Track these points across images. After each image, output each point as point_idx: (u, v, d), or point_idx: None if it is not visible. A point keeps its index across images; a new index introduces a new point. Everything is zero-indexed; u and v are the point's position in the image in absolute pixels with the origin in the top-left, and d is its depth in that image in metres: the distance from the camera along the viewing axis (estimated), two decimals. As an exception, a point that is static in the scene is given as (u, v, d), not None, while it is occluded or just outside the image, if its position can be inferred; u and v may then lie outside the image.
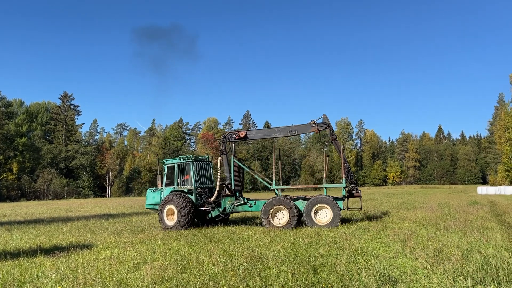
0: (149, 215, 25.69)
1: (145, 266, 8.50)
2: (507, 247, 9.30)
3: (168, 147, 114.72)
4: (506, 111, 78.45)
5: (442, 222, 15.21)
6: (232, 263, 8.46)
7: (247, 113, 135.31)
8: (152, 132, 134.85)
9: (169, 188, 17.80)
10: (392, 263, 8.42)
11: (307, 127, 17.13)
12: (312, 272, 7.48)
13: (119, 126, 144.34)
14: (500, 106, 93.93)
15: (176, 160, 18.10)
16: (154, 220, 20.96)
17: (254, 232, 14.42)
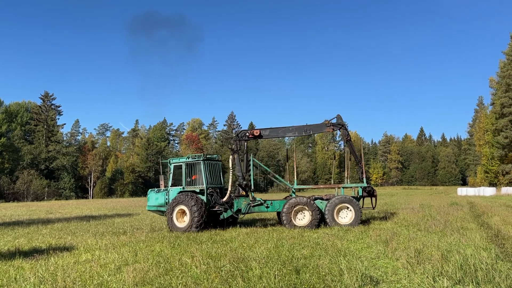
0: (132, 216, 25.44)
1: (127, 268, 8.40)
2: (485, 247, 9.49)
3: (152, 148, 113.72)
4: (485, 114, 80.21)
5: (423, 223, 15.43)
6: (215, 265, 8.43)
7: (231, 114, 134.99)
8: (136, 133, 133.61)
9: (176, 188, 16.95)
10: (374, 264, 8.50)
11: (321, 127, 17.30)
12: (294, 273, 7.50)
13: (102, 126, 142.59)
14: (479, 109, 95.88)
15: (184, 159, 17.28)
16: (136, 222, 20.75)
17: (238, 233, 14.39)
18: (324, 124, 17.13)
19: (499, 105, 60.88)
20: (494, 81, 72.30)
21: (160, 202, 17.24)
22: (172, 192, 16.99)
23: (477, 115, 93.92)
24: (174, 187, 17.11)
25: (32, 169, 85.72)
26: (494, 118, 64.91)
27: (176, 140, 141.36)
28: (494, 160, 64.60)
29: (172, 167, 17.34)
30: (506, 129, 58.19)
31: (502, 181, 59.72)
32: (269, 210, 16.87)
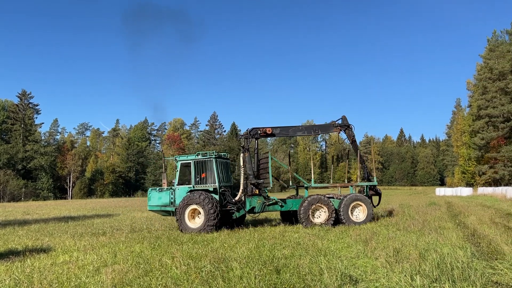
0: (112, 217, 25.10)
1: (105, 269, 8.28)
2: (461, 246, 9.69)
3: (132, 148, 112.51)
4: (462, 116, 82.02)
5: (402, 222, 15.66)
6: (195, 265, 8.38)
7: (213, 114, 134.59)
8: (116, 133, 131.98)
9: (183, 187, 16.30)
10: (353, 263, 8.59)
11: (329, 127, 17.75)
12: (275, 273, 7.51)
13: (82, 126, 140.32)
14: (457, 110, 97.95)
15: (192, 156, 16.67)
16: (116, 223, 20.48)
17: (219, 233, 14.37)
18: (332, 124, 17.56)
19: (475, 107, 62.32)
20: (471, 84, 74.02)
21: (164, 201, 16.47)
22: (179, 191, 16.32)
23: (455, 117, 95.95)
24: (181, 185, 16.45)
25: (8, 169, 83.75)
26: (471, 120, 66.41)
27: (157, 140, 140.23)
28: (471, 161, 66.08)
29: (179, 165, 16.65)
30: (482, 131, 59.60)
31: (479, 182, 61.11)
32: (283, 209, 16.80)
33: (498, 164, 56.59)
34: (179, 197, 16.17)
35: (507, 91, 56.66)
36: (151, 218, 22.89)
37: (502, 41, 61.90)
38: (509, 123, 55.44)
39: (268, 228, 15.89)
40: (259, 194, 16.51)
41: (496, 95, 58.26)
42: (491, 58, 60.49)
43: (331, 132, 18.12)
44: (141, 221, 20.78)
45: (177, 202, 16.13)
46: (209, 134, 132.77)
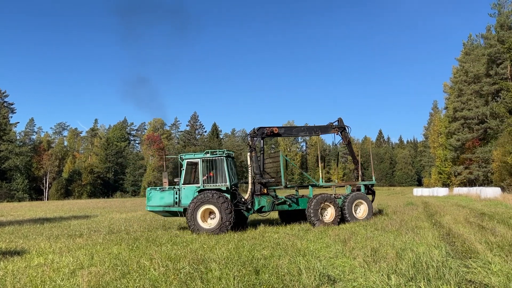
0: (89, 218, 24.67)
1: (81, 272, 8.12)
2: (437, 245, 9.88)
3: (111, 148, 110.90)
4: (439, 118, 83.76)
5: (380, 222, 15.87)
6: (174, 267, 8.30)
7: (194, 115, 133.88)
8: (95, 133, 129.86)
9: (190, 186, 15.77)
10: (332, 263, 8.67)
11: (327, 129, 18.29)
12: (254, 274, 7.52)
13: (59, 125, 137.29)
14: (434, 112, 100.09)
15: (200, 154, 16.26)
16: (94, 224, 20.14)
17: (198, 235, 14.27)
18: (330, 126, 18.20)
19: (452, 109, 63.73)
20: (448, 86, 75.69)
21: (168, 201, 15.80)
22: (185, 190, 15.77)
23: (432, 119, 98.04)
24: (187, 184, 15.95)
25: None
26: (447, 121, 67.88)
27: (137, 140, 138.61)
28: (447, 161, 67.52)
29: (185, 164, 16.09)
30: (458, 132, 60.99)
31: (454, 182, 62.50)
32: (291, 208, 16.89)
33: (473, 165, 58.00)
34: (186, 197, 15.68)
35: (481, 94, 58.14)
36: (129, 219, 22.61)
37: (477, 45, 63.49)
38: (484, 125, 56.88)
39: (248, 228, 15.89)
40: (267, 194, 16.56)
41: (471, 98, 59.72)
42: (466, 62, 61.99)
43: (330, 133, 18.61)
44: (120, 223, 20.48)
45: (183, 202, 15.64)
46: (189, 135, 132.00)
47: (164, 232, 15.40)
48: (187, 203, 15.41)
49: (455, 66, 69.32)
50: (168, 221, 20.82)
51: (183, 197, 15.75)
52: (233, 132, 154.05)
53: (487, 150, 52.86)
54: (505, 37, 48.77)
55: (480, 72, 57.73)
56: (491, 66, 55.55)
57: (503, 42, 46.13)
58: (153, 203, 16.07)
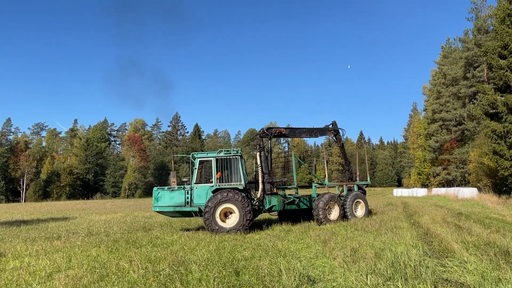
0: (68, 220, 24.24)
1: (58, 275, 7.98)
2: (415, 245, 10.04)
3: (91, 149, 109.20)
4: (418, 119, 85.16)
5: (360, 222, 16.02)
6: (154, 269, 8.22)
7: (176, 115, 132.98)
8: (74, 133, 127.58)
9: (203, 186, 15.58)
10: (312, 263, 8.72)
11: (325, 131, 19.21)
12: (234, 275, 7.50)
13: (37, 126, 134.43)
14: (413, 114, 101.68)
15: (214, 153, 16.02)
16: (73, 226, 19.80)
17: (179, 236, 14.16)
18: (327, 128, 19.20)
19: (431, 111, 64.86)
20: (427, 88, 76.99)
21: (178, 201, 15.49)
22: (198, 190, 15.54)
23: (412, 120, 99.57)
24: (199, 184, 15.72)
25: (-44, 170, 79.22)
26: (426, 123, 69.03)
27: (117, 141, 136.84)
28: (426, 162, 68.64)
29: (197, 162, 15.86)
30: (436, 134, 62.10)
31: (433, 183, 63.61)
32: (298, 208, 17.42)
33: (451, 166, 59.11)
34: (198, 197, 15.50)
35: (459, 96, 59.37)
36: (109, 221, 22.31)
37: (455, 48, 64.78)
38: (461, 126, 58.08)
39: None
40: (276, 193, 16.89)
41: (449, 100, 60.91)
42: (445, 64, 63.18)
43: (327, 135, 19.57)
44: (99, 224, 20.19)
45: (196, 201, 15.46)
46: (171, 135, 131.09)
47: (145, 234, 15.23)
48: (199, 203, 15.37)
49: (434, 69, 70.61)
50: (148, 222, 20.63)
51: (195, 197, 15.55)
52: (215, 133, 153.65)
53: (465, 151, 54.00)
54: (482, 40, 49.94)
55: (458, 75, 58.95)
56: (468, 69, 56.80)
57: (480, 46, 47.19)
58: (163, 203, 15.66)
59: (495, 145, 24.87)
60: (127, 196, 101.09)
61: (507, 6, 25.89)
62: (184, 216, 16.50)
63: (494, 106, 25.27)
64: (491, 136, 25.21)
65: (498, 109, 24.80)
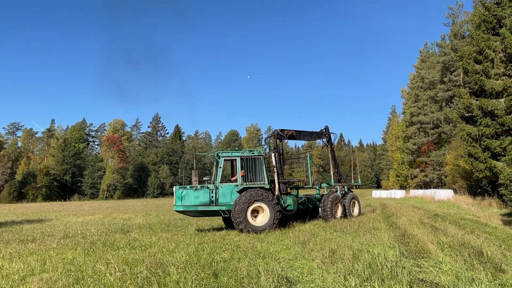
0: (44, 222, 23.70)
1: (32, 278, 7.80)
2: (392, 245, 10.19)
3: (69, 150, 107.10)
4: (397, 122, 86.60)
5: (339, 224, 16.18)
6: (131, 271, 8.11)
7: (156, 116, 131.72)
8: (51, 133, 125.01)
9: (228, 185, 15.64)
10: (291, 265, 8.75)
11: (321, 135, 20.21)
12: (213, 277, 7.47)
13: (12, 125, 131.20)
14: (392, 117, 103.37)
15: (238, 152, 16.14)
16: (48, 228, 19.37)
17: (158, 238, 14.01)
18: (322, 132, 20.17)
19: (409, 114, 65.98)
20: (405, 92, 78.36)
21: (203, 200, 15.32)
22: (223, 189, 15.53)
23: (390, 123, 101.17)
24: (224, 183, 15.79)
25: None
26: (404, 126, 70.21)
27: (96, 141, 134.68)
28: (404, 164, 69.78)
29: (222, 161, 15.85)
30: (414, 136, 63.21)
31: (411, 184, 64.68)
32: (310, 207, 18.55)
33: (428, 168, 60.23)
34: (223, 196, 15.48)
35: (436, 100, 60.59)
36: (87, 223, 21.93)
37: (433, 53, 66.13)
38: (438, 129, 59.27)
39: (209, 231, 15.78)
40: (289, 193, 17.50)
41: (427, 103, 62.10)
42: (422, 68, 64.38)
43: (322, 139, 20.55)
44: (76, 226, 19.81)
45: (221, 201, 15.44)
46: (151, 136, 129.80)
47: (123, 236, 15.02)
48: (224, 202, 15.43)
49: (412, 73, 71.88)
50: (127, 224, 20.38)
51: (220, 196, 15.51)
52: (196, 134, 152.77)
53: (441, 154, 55.11)
54: (458, 46, 51.12)
55: (435, 79, 60.17)
56: (445, 73, 58.04)
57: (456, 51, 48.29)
58: (187, 202, 15.38)
59: (470, 148, 25.43)
60: (106, 197, 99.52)
61: (482, 12, 26.54)
62: (205, 215, 16.48)
63: (469, 110, 25.84)
64: (467, 139, 25.77)
65: (473, 113, 25.38)
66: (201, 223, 19.69)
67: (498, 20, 25.27)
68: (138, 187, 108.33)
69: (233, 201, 15.25)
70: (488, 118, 24.34)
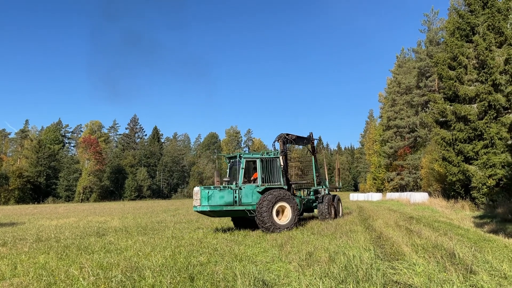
0: (16, 226, 23.08)
1: (2, 283, 7.57)
2: (367, 248, 10.32)
3: (43, 151, 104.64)
4: (374, 126, 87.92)
5: (317, 226, 16.29)
6: (105, 276, 7.96)
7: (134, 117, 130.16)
8: (25, 134, 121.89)
9: (250, 185, 16.09)
10: (268, 268, 8.75)
11: (309, 140, 20.83)
12: (189, 281, 7.40)
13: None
14: (370, 121, 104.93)
15: (258, 154, 16.88)
16: (20, 232, 18.86)
17: (134, 241, 13.81)
18: (309, 138, 20.92)
19: (385, 118, 67.11)
20: (382, 96, 79.67)
21: (228, 200, 15.56)
22: (246, 189, 15.90)
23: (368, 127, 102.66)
24: (246, 184, 16.24)
25: None
26: (381, 129, 71.33)
27: (72, 143, 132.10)
28: (381, 168, 70.86)
29: (244, 162, 16.21)
30: (391, 140, 64.31)
31: (387, 187, 65.70)
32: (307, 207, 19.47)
33: (404, 171, 61.32)
34: (245, 196, 15.87)
35: (412, 104, 61.81)
36: (61, 226, 21.45)
37: (409, 58, 67.50)
38: (414, 133, 60.45)
39: (186, 234, 15.66)
40: (295, 194, 18.52)
41: (403, 108, 63.27)
42: (399, 73, 65.63)
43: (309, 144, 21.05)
44: (49, 230, 19.35)
45: (244, 201, 15.81)
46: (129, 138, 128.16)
47: (98, 239, 14.75)
48: (247, 202, 15.87)
49: (389, 78, 73.17)
50: (102, 227, 20.03)
51: (243, 196, 15.88)
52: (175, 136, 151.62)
53: (417, 158, 56.22)
54: (433, 52, 52.35)
55: (411, 84, 61.39)
56: (421, 79, 59.29)
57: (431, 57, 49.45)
58: (213, 202, 15.47)
59: (444, 152, 26.03)
60: (82, 200, 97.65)
61: (456, 20, 27.26)
62: (229, 215, 16.83)
63: (443, 115, 26.47)
64: (441, 143, 26.38)
65: (447, 118, 26.00)
66: (179, 226, 19.52)
67: (471, 27, 26.01)
68: (115, 190, 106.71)
69: (254, 201, 15.85)
70: (462, 123, 25.00)
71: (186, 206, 46.49)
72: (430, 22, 59.30)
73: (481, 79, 24.57)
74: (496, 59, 23.91)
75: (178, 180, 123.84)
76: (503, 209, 18.86)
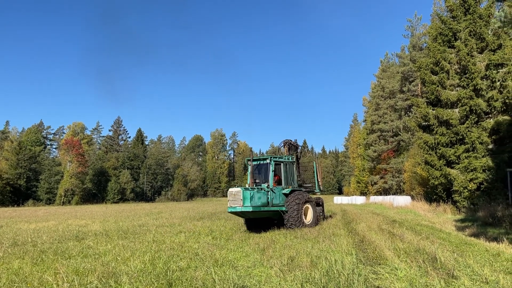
0: (-8, 229, 22.37)
1: (-29, 291, 7.25)
2: (350, 252, 10.25)
3: (24, 153, 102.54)
4: (358, 130, 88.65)
5: (300, 230, 16.19)
6: (80, 282, 7.70)
7: (118, 119, 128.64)
8: (5, 135, 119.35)
9: (278, 187, 17.32)
10: (249, 273, 8.59)
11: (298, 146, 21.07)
12: (167, 287, 7.20)
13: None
14: (354, 124, 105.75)
15: (284, 158, 18.11)
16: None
17: (114, 246, 13.49)
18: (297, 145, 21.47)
19: (369, 122, 67.72)
20: (367, 100, 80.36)
21: (263, 201, 16.47)
22: (276, 191, 17.11)
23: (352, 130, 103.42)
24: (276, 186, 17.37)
25: None
26: (365, 133, 71.95)
27: (54, 145, 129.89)
28: (365, 171, 71.39)
29: (273, 165, 17.37)
30: (375, 144, 64.86)
31: (371, 191, 66.22)
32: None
33: (387, 175, 61.87)
34: (276, 197, 17.03)
35: (396, 108, 62.48)
36: (39, 230, 20.89)
37: (393, 63, 68.31)
38: (397, 137, 61.07)
39: (168, 238, 15.38)
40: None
41: (387, 112, 63.93)
42: (383, 78, 66.34)
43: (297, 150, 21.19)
44: (27, 234, 18.81)
45: (274, 202, 16.94)
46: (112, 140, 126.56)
47: (76, 244, 14.37)
48: (276, 203, 17.00)
49: (373, 82, 73.89)
50: (82, 231, 19.58)
51: (274, 197, 16.99)
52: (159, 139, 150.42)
53: (400, 161, 56.78)
54: (417, 57, 53.03)
55: (395, 88, 62.08)
56: (404, 83, 60.00)
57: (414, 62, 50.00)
58: (254, 203, 16.06)
59: (427, 155, 26.27)
60: (63, 203, 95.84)
61: (439, 25, 27.61)
62: (264, 216, 17.21)
63: (426, 119, 26.72)
64: (424, 147, 26.62)
65: (430, 122, 26.25)
66: (161, 229, 19.21)
67: (453, 33, 26.36)
68: (98, 192, 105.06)
69: (281, 203, 17.14)
70: (444, 127, 25.27)
71: (169, 209, 45.96)
72: (413, 27, 60.12)
73: (462, 84, 24.89)
74: (478, 65, 24.26)
75: (162, 183, 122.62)
76: (484, 213, 19.06)
